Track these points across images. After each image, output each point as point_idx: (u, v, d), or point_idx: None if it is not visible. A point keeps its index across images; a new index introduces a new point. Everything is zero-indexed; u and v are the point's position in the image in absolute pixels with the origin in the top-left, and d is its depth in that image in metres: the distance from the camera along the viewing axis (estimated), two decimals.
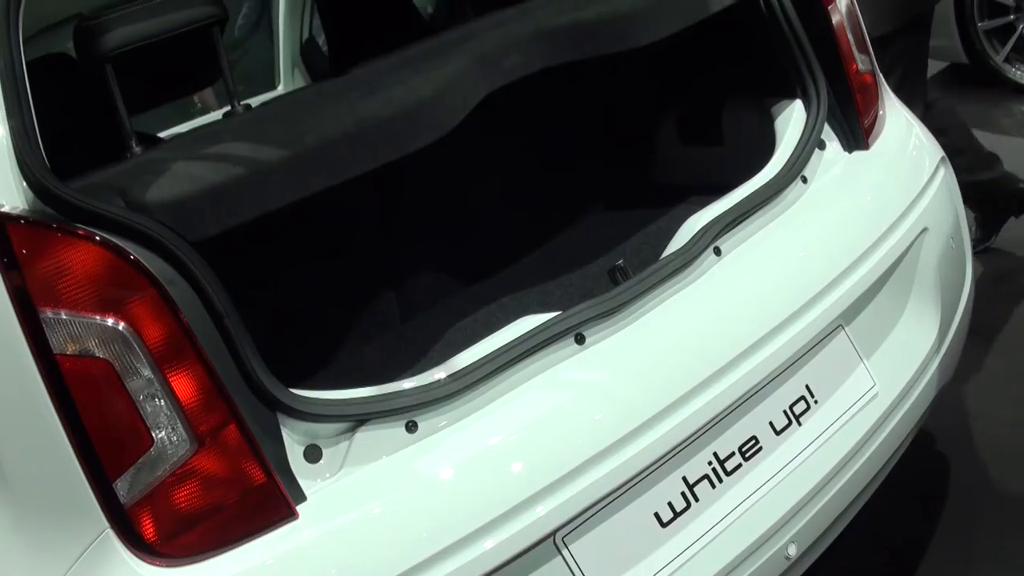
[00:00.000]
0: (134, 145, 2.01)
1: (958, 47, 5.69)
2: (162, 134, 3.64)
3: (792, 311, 2.02)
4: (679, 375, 1.86)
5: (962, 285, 2.45)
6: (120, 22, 1.95)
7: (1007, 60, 5.60)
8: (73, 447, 1.51)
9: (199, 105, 5.17)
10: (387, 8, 3.11)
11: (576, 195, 2.83)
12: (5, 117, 1.60)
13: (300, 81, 4.59)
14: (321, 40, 4.55)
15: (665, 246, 2.10)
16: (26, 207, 1.57)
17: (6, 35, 1.66)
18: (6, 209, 1.55)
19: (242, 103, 2.13)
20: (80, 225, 1.55)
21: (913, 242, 2.28)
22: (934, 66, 6.29)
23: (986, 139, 5.24)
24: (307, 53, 4.47)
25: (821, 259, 2.14)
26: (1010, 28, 5.56)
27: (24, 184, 1.57)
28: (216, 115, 4.11)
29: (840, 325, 2.15)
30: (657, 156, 2.80)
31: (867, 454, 2.11)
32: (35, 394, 1.51)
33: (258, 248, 2.22)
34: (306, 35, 4.50)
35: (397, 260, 2.56)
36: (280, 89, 4.63)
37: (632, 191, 2.81)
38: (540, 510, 1.67)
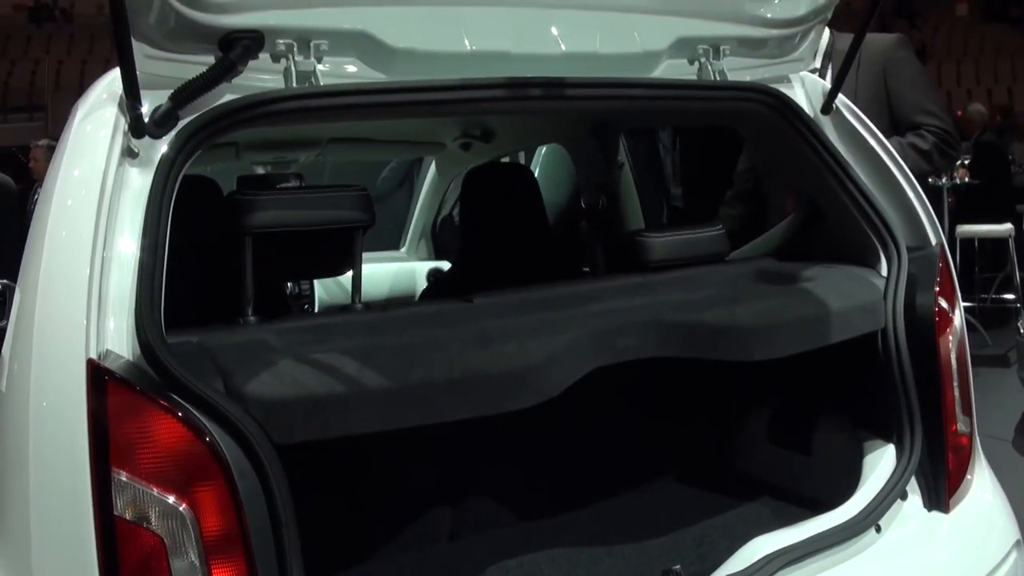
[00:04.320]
0: (250, 312, 2.08)
1: None
2: None
3: None
4: None
5: None
6: (271, 205, 2.04)
7: None
8: None
9: None
10: (521, 221, 3.18)
11: (651, 459, 2.83)
12: (138, 252, 1.69)
13: (423, 250, 4.71)
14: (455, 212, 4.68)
15: (726, 550, 2.08)
16: (131, 359, 1.64)
17: (159, 198, 1.76)
18: (109, 363, 1.61)
19: (360, 302, 2.20)
20: (174, 396, 1.60)
21: None
22: None
23: None
24: (440, 228, 4.60)
25: None
26: None
27: (135, 338, 1.64)
28: None
29: None
30: (740, 443, 2.80)
31: None
32: (85, 546, 1.55)
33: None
34: (445, 212, 4.62)
35: (461, 480, 2.57)
36: (403, 251, 4.74)
37: (707, 470, 2.80)
38: None
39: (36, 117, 17.41)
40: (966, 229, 8.66)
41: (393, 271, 4.44)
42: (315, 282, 4.10)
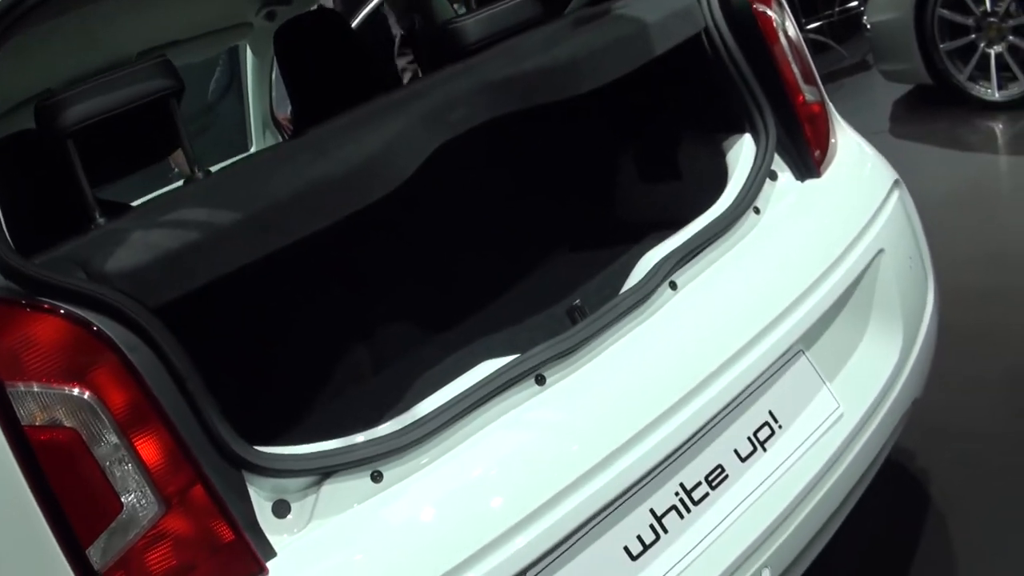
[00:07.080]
0: (98, 216, 2.06)
1: (922, 69, 5.79)
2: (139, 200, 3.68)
3: (749, 339, 2.05)
4: (640, 409, 1.89)
5: (924, 302, 2.48)
6: (78, 99, 2.00)
7: (970, 79, 5.69)
8: (45, 516, 1.54)
9: (176, 170, 5.22)
10: (347, 74, 3.15)
11: (541, 238, 2.87)
12: None
13: (271, 139, 4.65)
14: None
15: (624, 283, 2.14)
16: None
17: None
18: None
19: (203, 169, 2.18)
20: (44, 299, 1.59)
21: (869, 264, 2.32)
22: (900, 89, 6.41)
23: (954, 156, 5.36)
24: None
25: (776, 286, 2.17)
26: (971, 47, 5.65)
27: None
28: None
29: (800, 350, 2.18)
30: (616, 194, 2.85)
31: (836, 475, 2.13)
32: (5, 466, 1.54)
33: (228, 304, 2.25)
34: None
35: (367, 312, 2.59)
36: (253, 150, 4.68)
37: (595, 230, 2.86)
38: (508, 551, 1.70)
39: None
40: None
41: None
42: None
